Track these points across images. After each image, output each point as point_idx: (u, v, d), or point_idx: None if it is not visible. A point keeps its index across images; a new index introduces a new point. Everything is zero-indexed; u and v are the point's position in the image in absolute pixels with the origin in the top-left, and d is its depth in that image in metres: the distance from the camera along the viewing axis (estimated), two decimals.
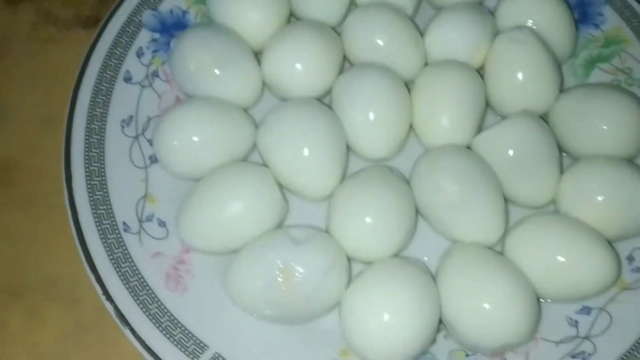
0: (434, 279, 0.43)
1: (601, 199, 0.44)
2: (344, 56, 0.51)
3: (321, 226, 0.46)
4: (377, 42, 0.49)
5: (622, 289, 0.45)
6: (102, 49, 0.50)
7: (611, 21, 0.54)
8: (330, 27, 0.51)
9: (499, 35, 0.50)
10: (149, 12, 0.52)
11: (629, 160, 0.47)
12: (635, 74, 0.52)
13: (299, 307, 0.42)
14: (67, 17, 0.57)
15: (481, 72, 0.50)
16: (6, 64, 0.55)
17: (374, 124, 0.47)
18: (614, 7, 0.54)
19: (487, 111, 0.51)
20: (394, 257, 0.44)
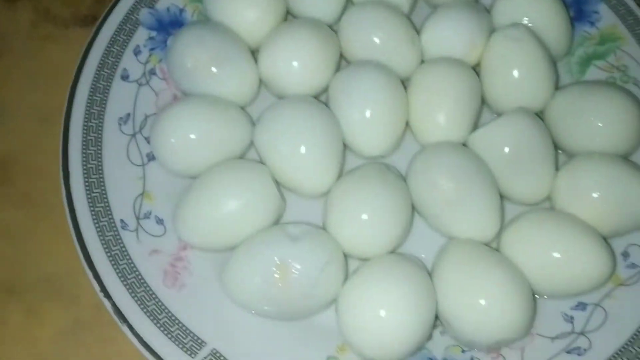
0: (430, 275, 0.44)
1: (596, 195, 0.45)
2: (341, 54, 0.51)
3: (318, 223, 0.46)
4: (374, 40, 0.49)
5: (617, 285, 0.45)
6: (99, 47, 0.50)
7: (606, 19, 0.54)
8: (326, 25, 0.51)
9: (494, 32, 0.50)
10: (146, 10, 0.52)
11: (624, 157, 0.47)
12: (630, 71, 0.52)
13: (295, 303, 0.42)
14: (65, 15, 0.57)
15: (477, 70, 0.50)
16: (5, 62, 0.55)
17: (371, 121, 0.47)
18: (609, 4, 0.54)
19: (483, 108, 0.51)
20: (391, 253, 0.45)
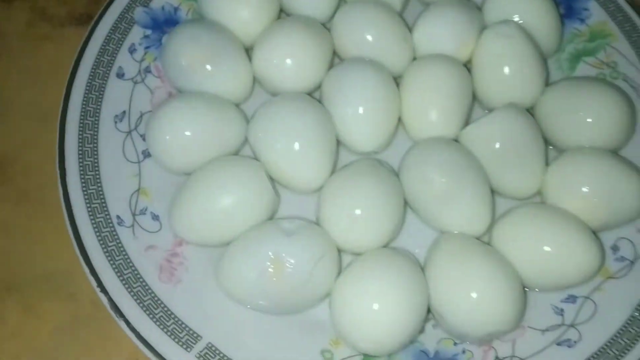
0: (423, 269, 0.44)
1: (586, 190, 0.45)
2: (334, 51, 0.51)
3: (311, 218, 0.46)
4: (366, 38, 0.50)
5: (607, 278, 0.45)
6: (94, 46, 0.50)
7: (596, 15, 0.54)
8: (320, 23, 0.51)
9: (485, 29, 0.50)
10: (140, 9, 0.52)
11: (613, 152, 0.48)
12: (620, 67, 0.52)
13: (290, 298, 0.43)
14: (61, 14, 0.58)
15: (468, 66, 0.51)
16: (1, 61, 0.55)
17: (364, 117, 0.47)
18: (599, 2, 0.54)
19: (474, 104, 0.51)
20: (383, 248, 0.45)
